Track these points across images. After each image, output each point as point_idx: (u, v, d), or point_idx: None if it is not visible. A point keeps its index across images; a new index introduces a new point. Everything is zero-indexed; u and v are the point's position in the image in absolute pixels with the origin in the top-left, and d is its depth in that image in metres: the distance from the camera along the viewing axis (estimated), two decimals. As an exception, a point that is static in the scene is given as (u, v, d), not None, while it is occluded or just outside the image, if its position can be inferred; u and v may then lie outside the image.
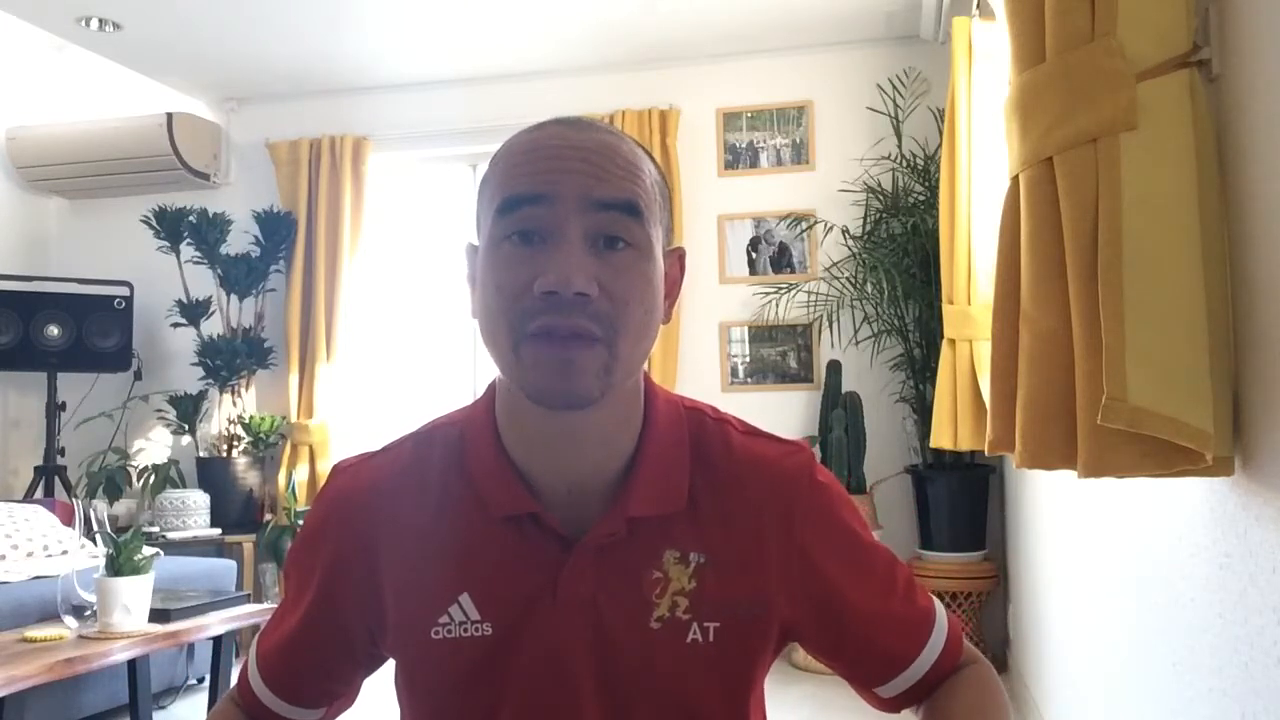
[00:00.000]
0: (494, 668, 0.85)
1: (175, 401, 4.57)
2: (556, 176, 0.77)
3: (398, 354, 4.82)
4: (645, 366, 0.87)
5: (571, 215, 0.77)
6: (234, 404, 4.60)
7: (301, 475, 4.53)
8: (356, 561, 0.88)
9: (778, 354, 4.35)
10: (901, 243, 4.00)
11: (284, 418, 4.60)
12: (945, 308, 3.11)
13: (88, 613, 2.41)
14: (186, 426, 4.58)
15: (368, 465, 0.92)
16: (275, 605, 3.66)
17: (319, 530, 0.91)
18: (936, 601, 0.95)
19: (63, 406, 4.49)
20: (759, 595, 0.86)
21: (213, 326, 4.58)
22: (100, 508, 2.60)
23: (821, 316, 4.19)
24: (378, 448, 0.94)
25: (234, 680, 0.96)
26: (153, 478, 4.46)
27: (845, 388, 4.05)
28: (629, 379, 0.82)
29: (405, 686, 0.90)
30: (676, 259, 0.88)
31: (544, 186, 0.77)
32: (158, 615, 2.52)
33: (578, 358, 0.75)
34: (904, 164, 4.12)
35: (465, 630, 0.85)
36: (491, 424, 0.87)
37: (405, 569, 0.86)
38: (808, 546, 0.87)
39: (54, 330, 4.39)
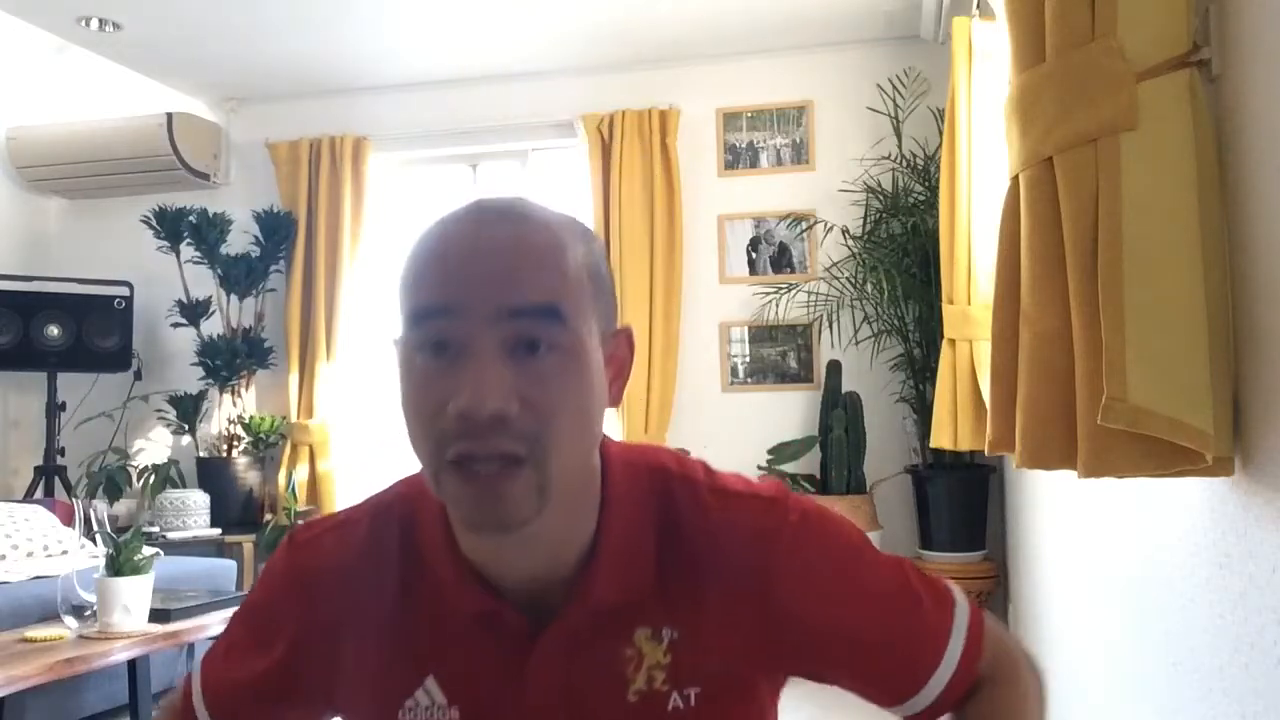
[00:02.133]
0: None
1: (175, 401, 4.57)
2: (464, 286, 0.71)
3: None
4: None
5: (483, 326, 0.70)
6: (234, 404, 4.60)
7: (301, 475, 4.53)
8: (320, 641, 0.85)
9: (778, 354, 4.35)
10: (901, 243, 4.00)
11: (284, 418, 4.60)
12: (945, 308, 3.11)
13: (88, 613, 2.41)
14: (186, 426, 4.58)
15: (326, 542, 0.88)
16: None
17: (280, 604, 0.88)
18: (956, 612, 0.87)
19: (63, 406, 4.49)
20: (738, 662, 0.83)
21: (213, 326, 4.58)
22: (100, 508, 2.60)
23: (821, 316, 4.19)
24: (334, 518, 0.90)
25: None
26: (153, 478, 4.46)
27: (845, 388, 4.05)
28: (573, 484, 0.76)
29: None
30: (624, 339, 0.81)
31: (450, 296, 0.71)
32: (158, 615, 2.52)
33: (504, 488, 0.70)
34: (904, 164, 4.12)
35: (431, 714, 0.82)
36: (444, 516, 0.81)
37: (368, 650, 0.84)
38: (790, 605, 0.82)
39: (54, 330, 4.39)
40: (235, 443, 4.55)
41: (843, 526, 0.87)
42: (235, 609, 0.95)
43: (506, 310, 0.70)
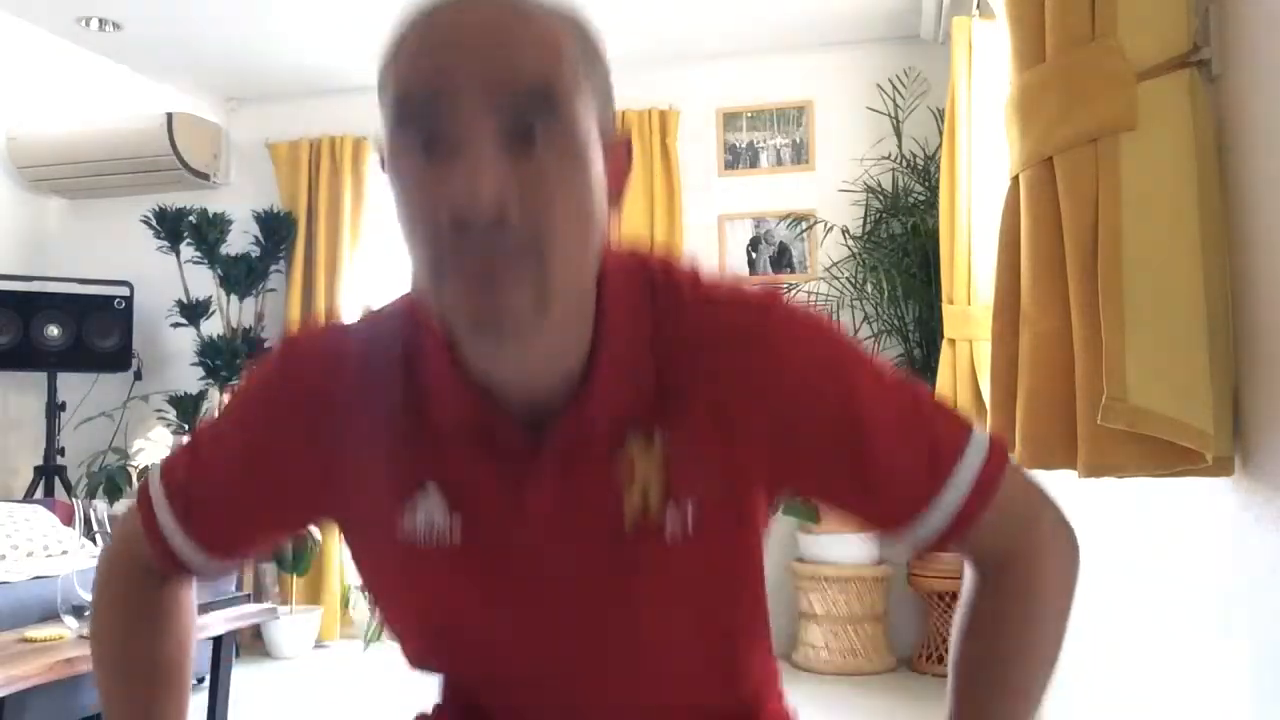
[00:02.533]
0: (466, 580, 0.81)
1: (175, 401, 4.57)
2: (452, 65, 0.64)
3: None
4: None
5: (475, 111, 0.64)
6: (234, 404, 4.59)
7: (301, 475, 4.53)
8: (316, 451, 0.82)
9: (778, 354, 4.35)
10: (901, 243, 4.00)
11: (284, 418, 4.60)
12: (945, 308, 3.11)
13: (88, 613, 2.41)
14: (187, 426, 4.57)
15: (323, 351, 0.83)
16: (274, 605, 3.60)
17: (272, 413, 0.83)
18: (968, 450, 0.80)
19: (63, 406, 4.49)
20: (732, 473, 0.79)
21: (213, 326, 4.58)
22: (100, 508, 2.60)
23: (821, 316, 4.19)
24: (331, 327, 0.86)
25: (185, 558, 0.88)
26: (153, 478, 4.46)
27: (845, 388, 4.05)
28: (575, 293, 0.72)
29: (374, 590, 0.87)
30: (624, 149, 0.77)
31: (438, 79, 0.65)
32: (158, 615, 2.52)
33: (504, 295, 0.65)
34: (904, 164, 4.12)
35: (432, 520, 0.80)
36: (445, 330, 0.77)
37: (367, 459, 0.81)
38: (783, 417, 0.78)
39: (54, 330, 4.38)
40: (235, 443, 4.55)
41: (838, 335, 0.82)
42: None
43: (498, 88, 0.64)
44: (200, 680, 3.62)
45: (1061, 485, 2.39)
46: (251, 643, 4.33)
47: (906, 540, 0.83)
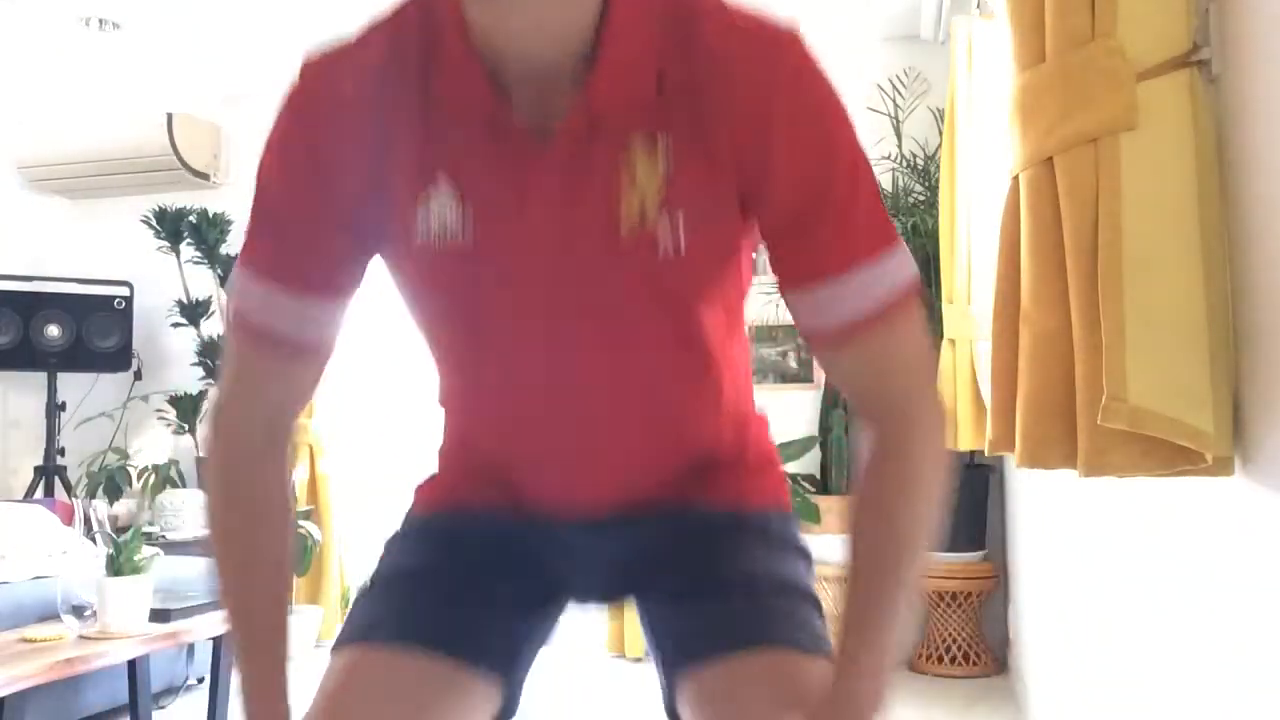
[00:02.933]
0: (476, 269, 0.84)
1: (175, 401, 4.57)
2: None
3: (397, 353, 4.82)
4: None
5: None
6: (234, 404, 4.60)
7: (301, 475, 4.53)
8: (349, 154, 0.85)
9: (778, 354, 4.35)
10: (901, 243, 4.00)
11: (284, 418, 4.60)
12: (945, 308, 3.12)
13: (88, 613, 2.42)
14: (186, 426, 4.58)
15: (343, 64, 0.87)
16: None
17: (306, 134, 0.87)
18: (897, 249, 0.86)
19: (63, 406, 4.49)
20: (716, 186, 0.83)
21: (213, 326, 4.58)
22: (100, 508, 2.61)
23: (821, 316, 4.19)
24: (351, 39, 0.89)
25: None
26: (153, 478, 4.47)
27: (845, 388, 4.05)
28: None
29: (405, 300, 0.92)
30: None
31: None
32: (158, 615, 2.53)
33: None
34: (904, 164, 4.12)
35: (445, 229, 0.83)
36: (459, 12, 0.80)
37: (390, 156, 0.84)
38: (761, 142, 0.81)
39: (54, 330, 4.39)
40: (235, 443, 4.55)
41: (839, 100, 0.85)
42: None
43: None
44: (200, 680, 3.62)
45: (1062, 485, 2.37)
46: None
47: (809, 307, 0.87)
